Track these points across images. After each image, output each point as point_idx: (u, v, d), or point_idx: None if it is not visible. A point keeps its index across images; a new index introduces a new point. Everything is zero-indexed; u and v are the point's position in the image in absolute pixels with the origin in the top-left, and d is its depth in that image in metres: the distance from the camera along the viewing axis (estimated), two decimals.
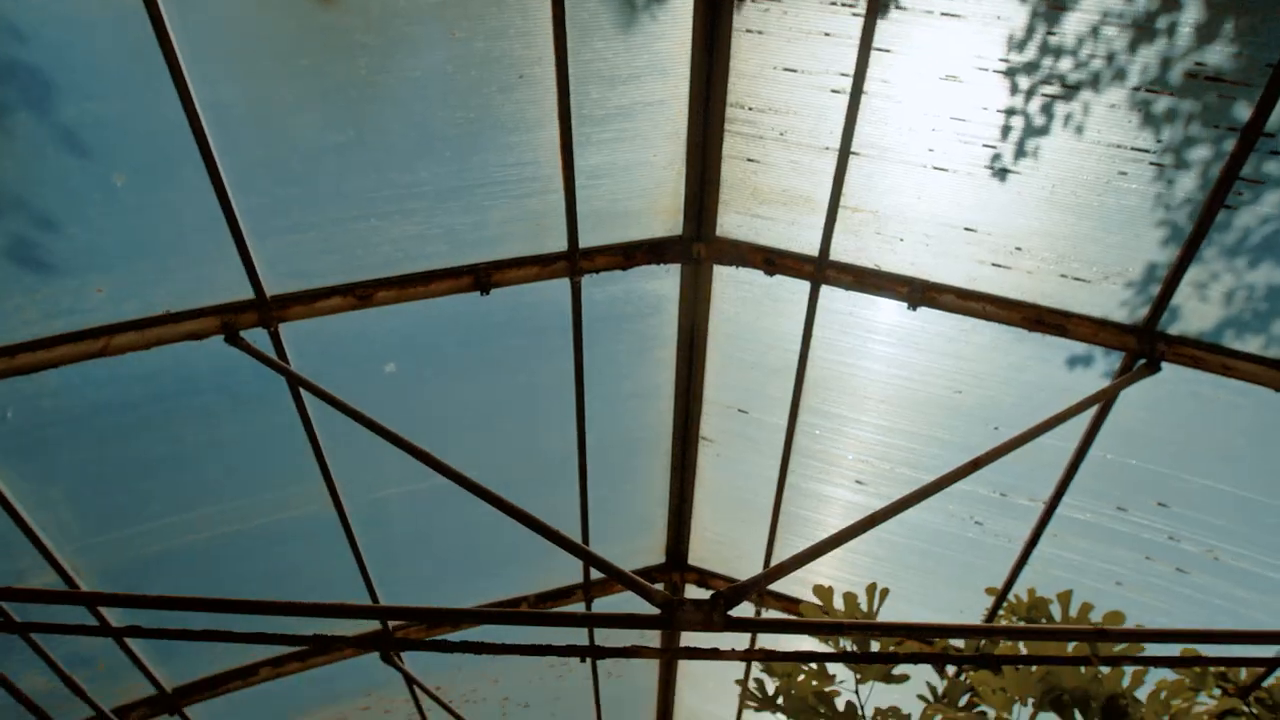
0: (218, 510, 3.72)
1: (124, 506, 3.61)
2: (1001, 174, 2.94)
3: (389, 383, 3.47)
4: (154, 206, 2.81)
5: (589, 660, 5.13)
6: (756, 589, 1.99)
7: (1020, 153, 2.89)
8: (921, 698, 3.44)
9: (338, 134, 2.85)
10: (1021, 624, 2.91)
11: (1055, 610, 3.84)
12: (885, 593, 3.26)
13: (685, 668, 5.69)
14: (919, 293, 3.18)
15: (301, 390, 3.20)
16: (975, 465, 2.34)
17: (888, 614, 3.54)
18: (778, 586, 4.49)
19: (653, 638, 4.97)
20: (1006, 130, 2.86)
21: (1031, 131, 2.85)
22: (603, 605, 4.70)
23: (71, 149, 2.69)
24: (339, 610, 1.92)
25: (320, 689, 4.78)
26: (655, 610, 1.92)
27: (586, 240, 3.31)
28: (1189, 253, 2.80)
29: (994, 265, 3.12)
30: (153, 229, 2.88)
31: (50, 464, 3.35)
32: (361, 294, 3.11)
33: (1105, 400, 2.95)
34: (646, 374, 3.77)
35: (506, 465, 3.93)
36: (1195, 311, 2.99)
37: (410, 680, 4.47)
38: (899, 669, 3.39)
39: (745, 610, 4.54)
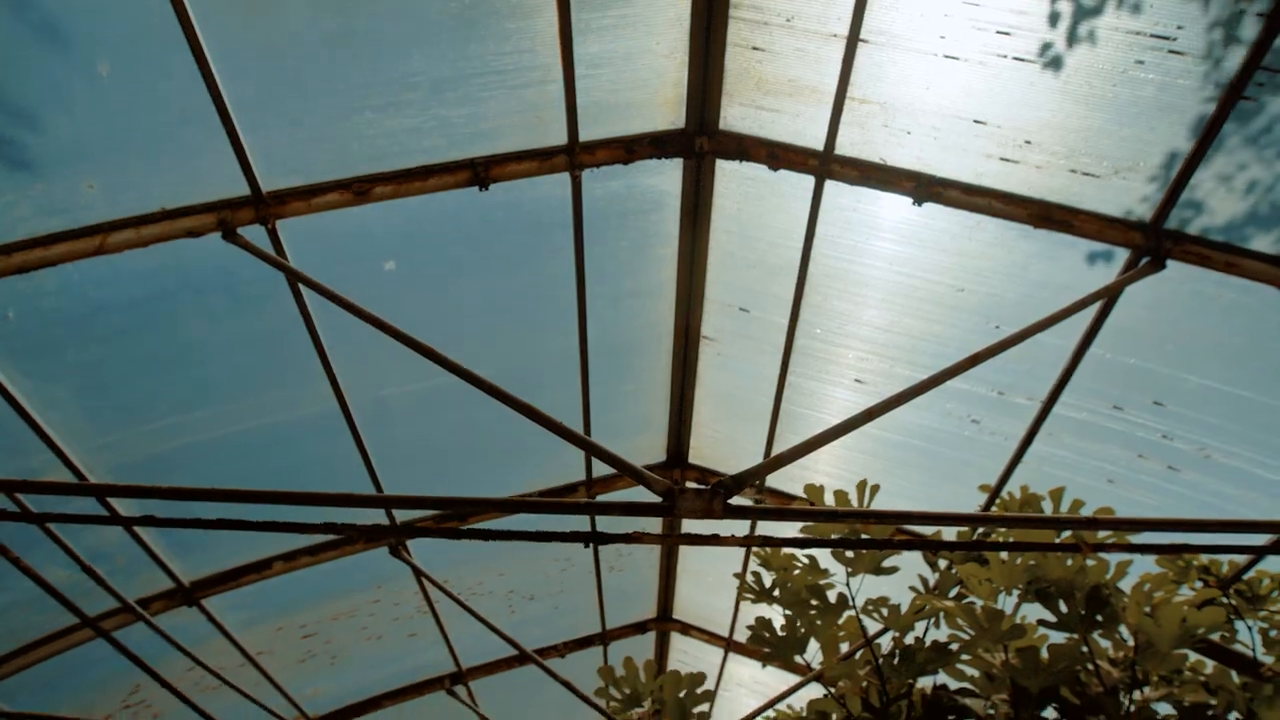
0: (224, 410, 3.76)
1: (131, 406, 3.65)
2: (1014, 63, 2.84)
3: (389, 281, 3.46)
4: (141, 98, 2.74)
5: (592, 553, 5.28)
6: (755, 478, 2.03)
7: (1034, 40, 2.79)
8: (913, 589, 3.55)
9: (329, 21, 2.75)
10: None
11: (1047, 506, 3.93)
12: (875, 489, 3.32)
13: (685, 563, 5.86)
14: (925, 188, 3.13)
15: (302, 288, 3.19)
16: (975, 360, 2.35)
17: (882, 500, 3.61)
18: (776, 484, 4.58)
19: (653, 525, 5.10)
20: (1021, 16, 2.76)
21: (1047, 17, 2.74)
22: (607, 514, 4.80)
23: (52, 38, 2.60)
24: (346, 500, 1.96)
25: (331, 582, 4.95)
26: (657, 499, 1.96)
27: (586, 133, 3.23)
28: (1202, 147, 2.74)
29: (1002, 160, 3.06)
30: (141, 122, 2.82)
31: (56, 364, 3.38)
32: (359, 189, 3.06)
33: (1108, 297, 2.94)
34: (648, 272, 3.75)
35: (508, 364, 3.95)
36: (1204, 208, 2.95)
37: (418, 573, 4.61)
38: (888, 561, 3.49)
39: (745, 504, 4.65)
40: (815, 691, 5.20)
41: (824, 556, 3.48)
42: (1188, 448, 3.57)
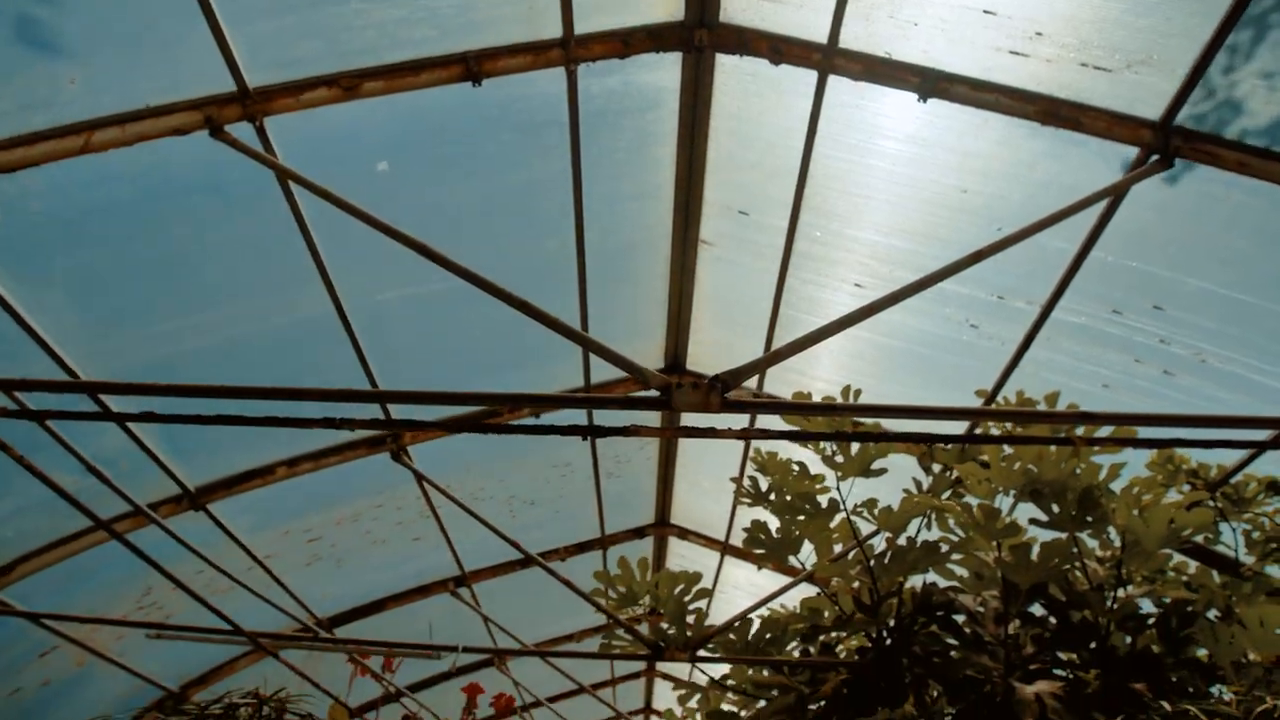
0: (219, 315, 3.74)
1: (126, 311, 3.63)
2: None
3: (381, 182, 3.39)
4: None
5: (591, 459, 5.34)
6: (753, 374, 2.03)
7: None
8: (905, 491, 3.62)
9: None
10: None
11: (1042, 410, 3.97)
12: (859, 392, 3.34)
13: (682, 469, 5.96)
14: (931, 83, 3.04)
15: (293, 187, 3.13)
16: (977, 257, 2.32)
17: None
18: (774, 390, 4.60)
19: (651, 422, 5.14)
20: None
21: None
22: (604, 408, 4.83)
23: None
24: (344, 395, 1.96)
25: (334, 488, 5.03)
26: (654, 394, 1.97)
27: (582, 26, 3.12)
28: (1218, 41, 2.65)
29: (1011, 53, 2.96)
30: (122, 14, 2.72)
31: (48, 268, 3.34)
32: (348, 84, 2.97)
33: (1115, 195, 2.89)
34: (645, 173, 3.68)
35: (504, 267, 3.89)
36: (1217, 106, 2.87)
37: (419, 478, 4.67)
38: (877, 464, 3.54)
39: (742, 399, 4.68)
40: (808, 592, 5.35)
41: (815, 463, 3.52)
42: (1185, 352, 3.58)
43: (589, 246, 3.79)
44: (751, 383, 4.43)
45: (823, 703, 3.79)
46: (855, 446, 3.45)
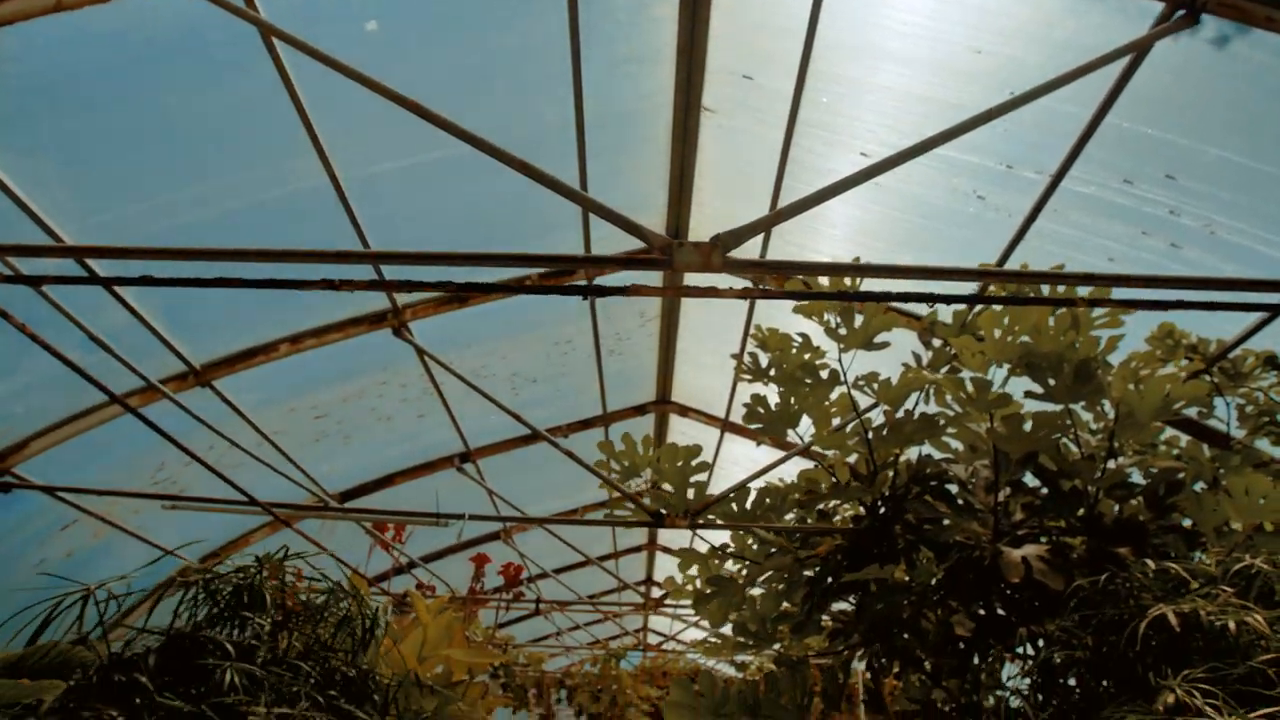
0: (212, 186, 3.67)
1: (118, 183, 3.56)
2: None
3: (370, 44, 3.25)
4: None
5: (593, 334, 5.35)
6: (755, 233, 2.00)
7: None
8: (905, 365, 3.64)
9: None
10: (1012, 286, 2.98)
11: (1044, 287, 3.94)
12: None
13: (683, 346, 5.98)
14: None
15: (279, 48, 3.00)
16: (988, 116, 2.25)
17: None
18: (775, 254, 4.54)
19: (652, 282, 5.13)
20: None
21: None
22: (604, 281, 4.80)
23: None
24: (339, 256, 1.94)
25: (338, 365, 5.07)
26: (655, 254, 1.95)
27: None
28: None
29: None
30: None
31: (35, 139, 3.25)
32: None
33: (1137, 53, 2.77)
34: (645, 35, 3.52)
35: (500, 137, 3.81)
36: None
37: (421, 353, 4.70)
38: (879, 337, 3.54)
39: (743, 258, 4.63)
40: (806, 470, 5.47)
41: (817, 335, 3.52)
42: (1194, 224, 3.52)
43: (588, 115, 3.67)
44: (755, 251, 4.37)
45: (818, 567, 3.95)
46: (859, 320, 3.45)
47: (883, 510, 3.73)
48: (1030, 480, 3.66)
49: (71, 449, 4.72)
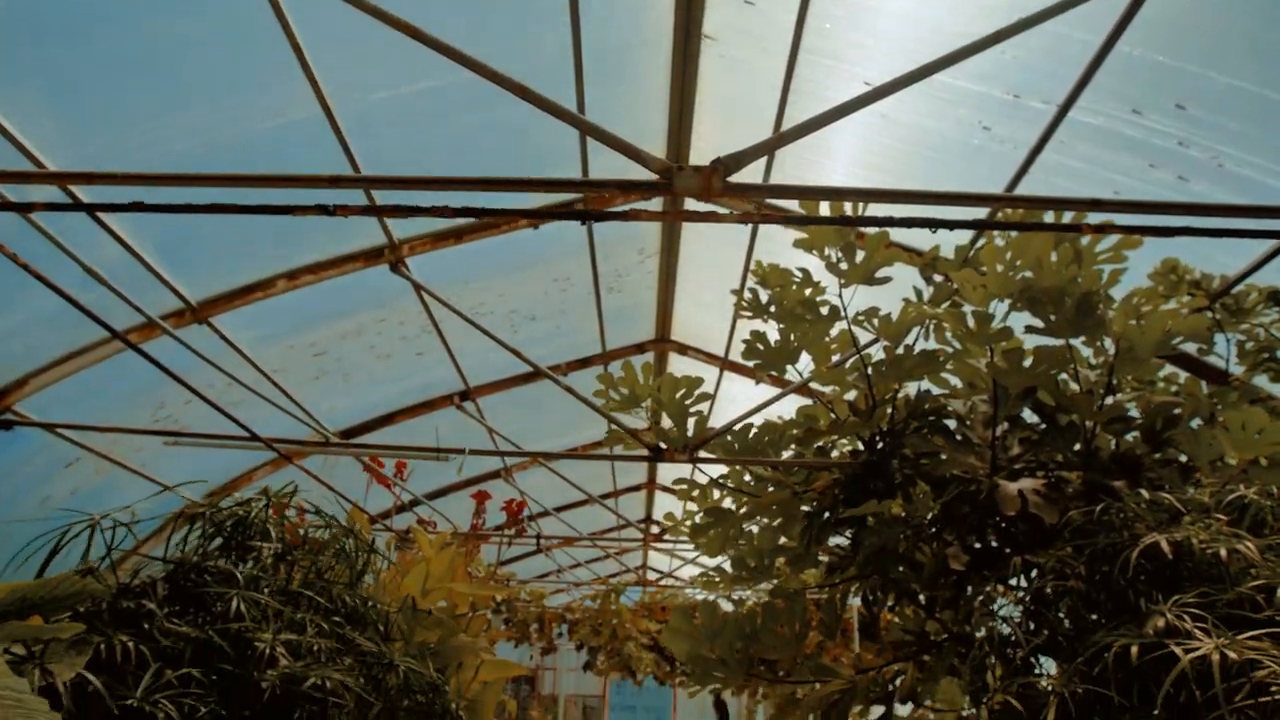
0: (202, 116, 3.60)
1: (105, 114, 3.49)
2: None
3: None
4: None
5: (591, 270, 5.31)
6: (756, 156, 1.96)
7: None
8: (906, 300, 3.62)
9: None
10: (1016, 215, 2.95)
11: (1049, 216, 3.90)
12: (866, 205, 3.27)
13: (683, 283, 5.95)
14: None
15: None
16: (997, 38, 2.18)
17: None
18: (778, 200, 4.49)
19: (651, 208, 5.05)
20: None
21: None
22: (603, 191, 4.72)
23: None
24: (331, 181, 1.90)
25: (335, 302, 5.04)
26: (654, 177, 1.91)
27: None
28: None
29: None
30: None
31: (18, 68, 3.18)
32: None
33: None
34: None
35: (497, 66, 3.73)
36: None
37: (419, 288, 4.67)
38: (881, 272, 3.52)
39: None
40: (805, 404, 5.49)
41: (818, 271, 3.50)
42: (1202, 155, 3.46)
43: (586, 45, 3.58)
44: (756, 180, 4.30)
45: (815, 502, 3.99)
46: (860, 256, 3.42)
47: (881, 445, 3.76)
48: (1029, 417, 3.68)
49: (71, 387, 4.72)
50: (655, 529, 11.03)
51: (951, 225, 1.90)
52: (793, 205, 4.52)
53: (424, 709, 2.51)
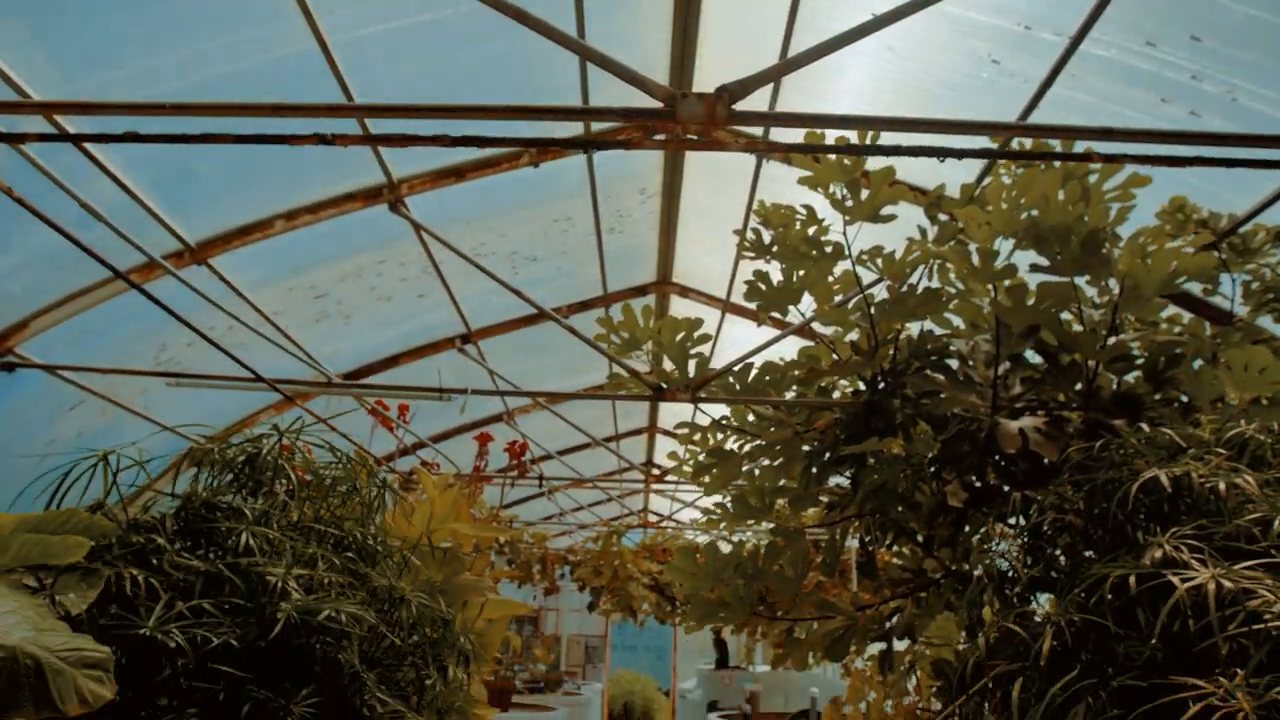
0: (196, 52, 3.52)
1: (96, 50, 3.42)
2: None
3: None
4: None
5: (593, 208, 5.25)
6: (764, 83, 1.92)
7: None
8: (910, 240, 3.59)
9: None
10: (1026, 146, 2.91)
11: (1058, 148, 3.85)
12: (875, 136, 3.22)
13: (685, 223, 5.90)
14: None
15: None
16: None
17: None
18: (785, 131, 4.41)
19: (655, 159, 4.97)
20: None
21: None
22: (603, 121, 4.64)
23: None
24: (327, 110, 1.87)
25: (335, 243, 5.01)
26: (657, 105, 1.87)
27: None
28: None
29: None
30: None
31: (3, 3, 3.10)
32: None
33: None
34: None
35: None
36: None
37: (418, 228, 4.63)
38: (886, 209, 3.48)
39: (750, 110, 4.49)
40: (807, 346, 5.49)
41: (823, 208, 3.46)
42: (1216, 90, 3.40)
43: None
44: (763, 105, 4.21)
45: (816, 442, 4.02)
46: (865, 194, 3.39)
47: (882, 385, 3.76)
48: (1031, 360, 3.68)
49: (72, 330, 4.72)
50: (656, 472, 11.13)
51: (960, 154, 1.87)
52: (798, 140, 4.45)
53: (434, 642, 2.56)
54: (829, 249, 3.56)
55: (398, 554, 2.62)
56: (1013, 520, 3.40)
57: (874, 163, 3.28)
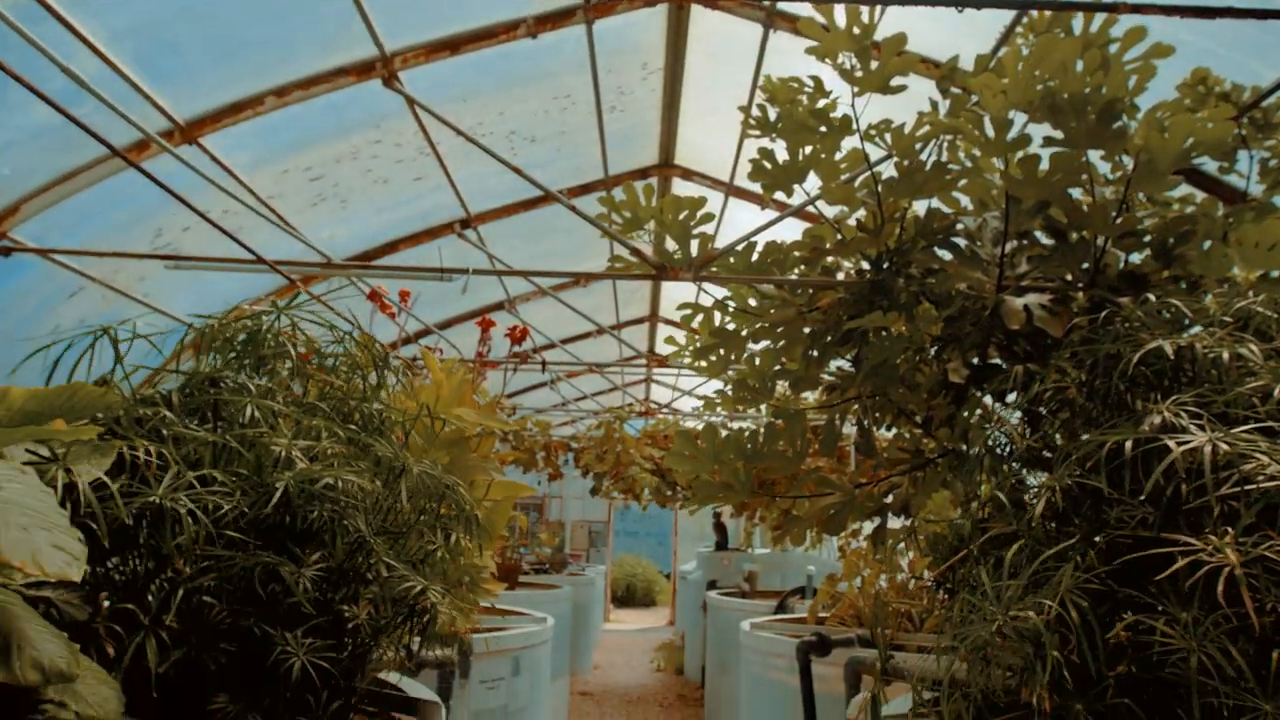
0: None
1: None
2: None
3: None
4: None
5: (593, 85, 5.07)
6: None
7: None
8: (921, 112, 3.47)
9: None
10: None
11: (1077, 24, 3.68)
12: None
13: (687, 102, 5.72)
14: None
15: None
16: None
17: (891, 28, 3.36)
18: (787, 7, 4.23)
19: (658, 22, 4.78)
20: None
21: None
22: (605, 23, 4.46)
23: None
24: None
25: (328, 121, 4.87)
26: None
27: None
28: None
29: None
30: None
31: None
32: None
33: None
34: None
35: None
36: None
37: (412, 103, 4.49)
38: (895, 80, 3.37)
39: None
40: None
41: (831, 80, 3.34)
42: None
43: None
44: None
45: (818, 323, 4.01)
46: (874, 64, 3.26)
47: (887, 265, 3.73)
48: (1039, 242, 3.64)
49: (64, 214, 4.65)
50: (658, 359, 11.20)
51: (979, 3, 1.77)
52: (805, 11, 4.26)
53: (440, 515, 2.61)
54: (837, 121, 3.46)
55: (399, 426, 2.64)
56: (1013, 397, 3.43)
57: (884, 33, 3.14)
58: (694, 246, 3.89)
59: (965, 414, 3.60)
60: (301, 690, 1.77)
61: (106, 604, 1.73)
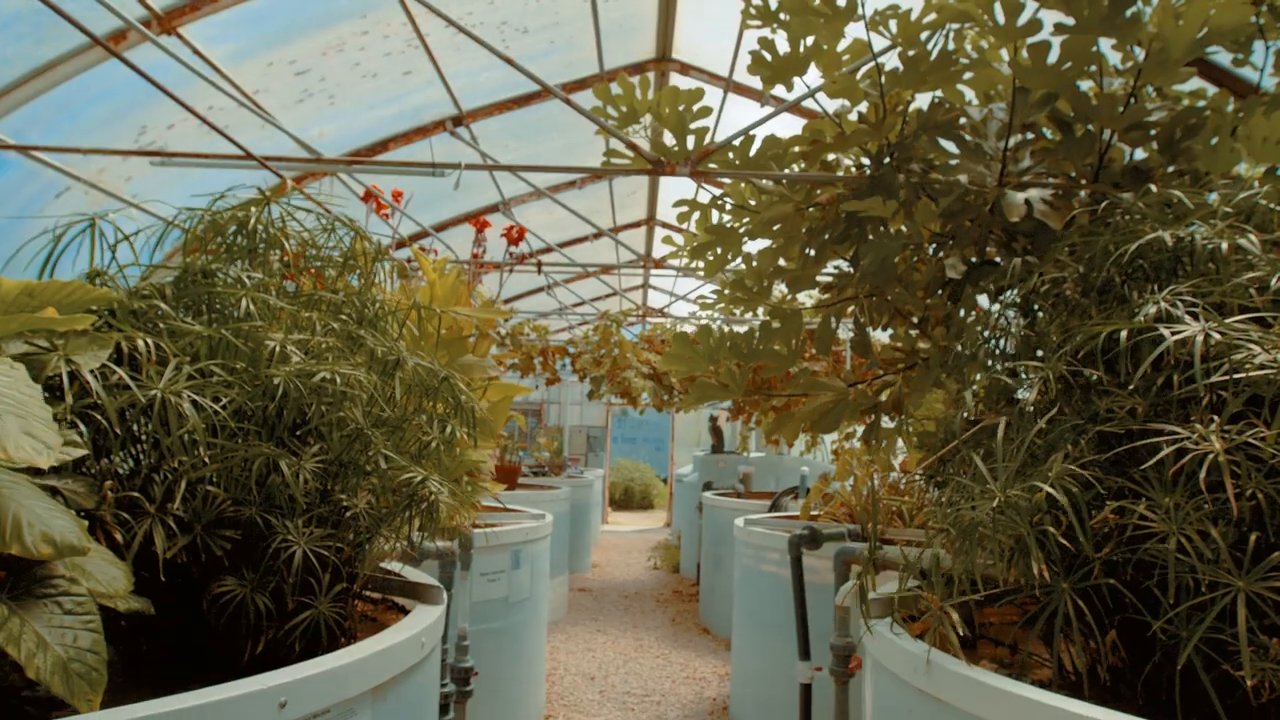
0: None
1: None
2: None
3: None
4: None
5: None
6: None
7: None
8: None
9: None
10: None
11: None
12: None
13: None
14: None
15: None
16: None
17: None
18: None
19: None
20: None
21: None
22: None
23: None
24: None
25: (312, 10, 4.69)
26: None
27: None
28: None
29: None
30: None
31: None
32: None
33: None
34: None
35: None
36: None
37: None
38: None
39: None
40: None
41: None
42: None
43: None
44: None
45: (817, 220, 3.95)
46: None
47: (887, 160, 3.65)
48: (1045, 135, 3.56)
49: (42, 108, 4.52)
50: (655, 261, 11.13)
51: None
52: None
53: (434, 405, 2.63)
54: (841, 3, 3.33)
55: (393, 319, 2.64)
56: (1010, 294, 3.42)
57: None
58: (691, 141, 3.81)
59: (961, 312, 3.60)
60: (304, 575, 1.82)
61: (112, 495, 1.76)
